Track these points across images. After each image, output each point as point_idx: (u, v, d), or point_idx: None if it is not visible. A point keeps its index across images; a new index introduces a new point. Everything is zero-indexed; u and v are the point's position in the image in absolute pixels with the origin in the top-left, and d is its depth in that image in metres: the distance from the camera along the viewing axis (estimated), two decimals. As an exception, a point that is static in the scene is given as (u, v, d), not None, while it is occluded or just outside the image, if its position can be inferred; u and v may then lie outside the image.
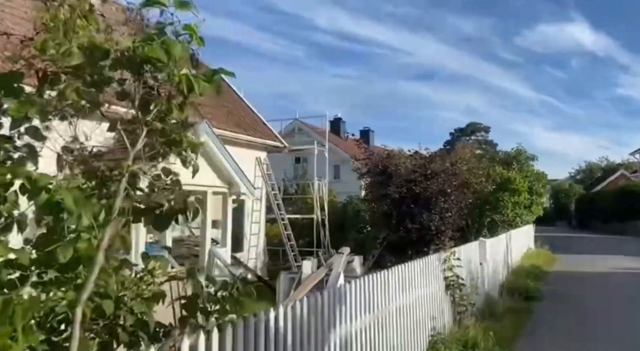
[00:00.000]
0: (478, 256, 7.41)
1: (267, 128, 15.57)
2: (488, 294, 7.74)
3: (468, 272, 6.74)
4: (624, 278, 11.34)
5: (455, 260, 5.40)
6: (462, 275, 5.97)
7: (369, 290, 4.10)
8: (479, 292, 7.02)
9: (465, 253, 6.63)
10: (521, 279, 9.57)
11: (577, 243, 23.90)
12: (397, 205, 11.97)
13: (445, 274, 5.42)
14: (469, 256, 6.86)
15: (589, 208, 40.57)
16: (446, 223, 11.83)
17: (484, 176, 13.86)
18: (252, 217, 14.37)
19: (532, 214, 15.14)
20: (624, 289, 9.93)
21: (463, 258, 6.43)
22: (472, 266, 6.98)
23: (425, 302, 5.18)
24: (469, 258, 6.87)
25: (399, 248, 11.87)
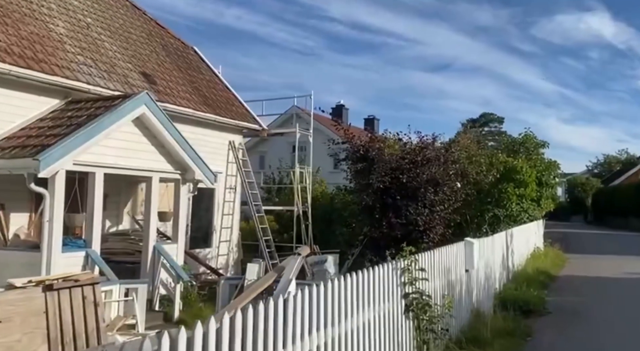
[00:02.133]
0: (462, 261, 5.88)
1: (244, 108, 14.06)
2: (477, 310, 6.22)
3: (446, 284, 5.23)
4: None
5: (419, 270, 3.88)
6: (429, 291, 4.46)
7: (275, 320, 2.63)
8: (460, 310, 5.50)
9: (441, 258, 5.11)
10: (522, 287, 8.03)
11: (593, 241, 22.13)
12: (380, 197, 10.47)
13: (406, 290, 3.91)
14: (447, 262, 5.34)
15: (606, 203, 38.59)
16: (437, 218, 10.30)
17: (485, 165, 12.24)
18: (223, 208, 12.93)
19: (540, 209, 13.49)
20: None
21: (437, 265, 4.92)
22: (452, 276, 5.48)
23: (373, 331, 3.68)
24: (448, 266, 5.35)
25: (382, 246, 10.37)
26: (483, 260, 7.07)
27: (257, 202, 13.42)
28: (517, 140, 14.41)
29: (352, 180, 10.70)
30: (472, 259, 5.96)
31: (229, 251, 13.20)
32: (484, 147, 13.54)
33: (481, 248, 6.84)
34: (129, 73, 10.70)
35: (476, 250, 6.09)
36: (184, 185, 9.57)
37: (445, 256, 5.32)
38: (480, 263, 6.85)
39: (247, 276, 6.41)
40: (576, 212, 50.41)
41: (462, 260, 5.94)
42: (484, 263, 7.11)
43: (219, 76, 14.63)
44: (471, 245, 5.99)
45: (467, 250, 6.00)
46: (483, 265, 7.06)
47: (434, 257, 4.96)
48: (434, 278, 4.87)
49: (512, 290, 7.77)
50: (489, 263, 7.49)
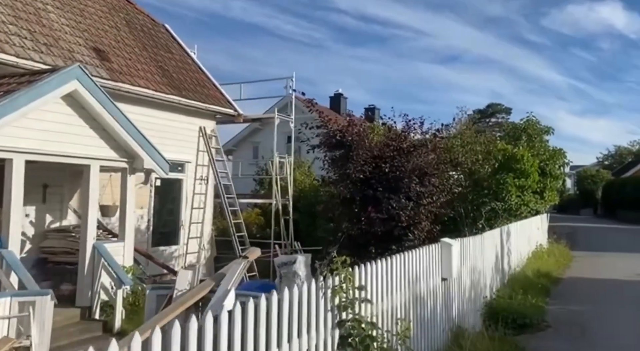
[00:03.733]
0: (438, 267, 4.74)
1: (218, 91, 12.91)
2: (458, 327, 5.07)
3: (412, 300, 4.09)
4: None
5: (355, 288, 2.74)
6: (382, 313, 3.32)
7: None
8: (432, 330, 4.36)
9: (404, 267, 3.98)
10: (518, 294, 6.87)
11: (602, 237, 20.85)
12: (360, 189, 9.32)
13: (342, 315, 2.77)
14: (414, 271, 4.20)
15: (617, 195, 37.12)
16: (423, 213, 9.14)
17: (481, 153, 11.03)
18: (192, 201, 11.84)
19: (544, 202, 12.28)
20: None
21: (397, 277, 3.79)
22: (422, 288, 4.34)
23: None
24: (415, 275, 4.21)
25: (361, 244, 9.26)
26: (468, 265, 5.93)
27: (231, 195, 12.33)
28: (519, 126, 13.15)
29: (329, 170, 9.54)
30: (450, 265, 4.82)
31: (200, 249, 12.14)
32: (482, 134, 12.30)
33: (465, 250, 5.70)
34: (77, 48, 9.57)
35: (455, 254, 4.94)
36: (132, 175, 8.44)
37: (411, 263, 4.19)
38: (464, 268, 5.70)
39: (178, 286, 5.30)
40: (586, 205, 48.95)
41: (438, 266, 4.80)
42: (469, 268, 5.96)
43: (191, 56, 13.48)
44: (448, 248, 4.84)
45: (443, 253, 4.86)
46: (468, 270, 5.91)
47: (392, 266, 3.82)
48: (390, 295, 3.74)
49: (505, 299, 6.62)
50: (477, 268, 6.34)
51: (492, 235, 7.48)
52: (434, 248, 4.71)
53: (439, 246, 4.86)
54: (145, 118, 10.41)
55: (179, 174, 11.79)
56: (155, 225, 11.18)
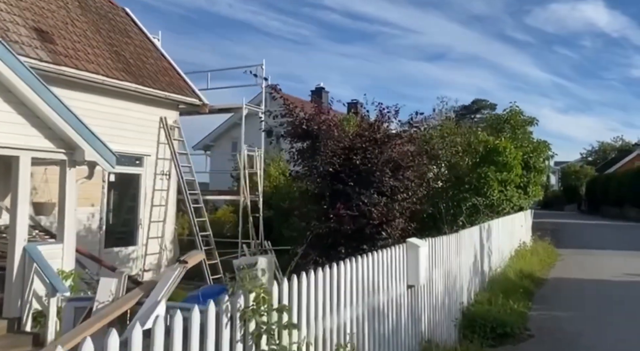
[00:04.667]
0: (402, 273, 4.03)
1: (182, 80, 12.05)
2: (428, 342, 4.36)
3: (367, 315, 3.35)
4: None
5: (273, 310, 1.95)
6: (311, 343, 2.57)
7: None
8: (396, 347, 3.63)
9: (358, 274, 3.24)
10: (499, 299, 6.21)
11: (587, 233, 20.47)
12: (329, 183, 8.59)
13: (262, 346, 1.98)
14: (371, 279, 3.47)
15: (601, 191, 37.11)
16: (397, 209, 8.45)
17: (461, 145, 10.37)
18: (152, 198, 10.99)
19: (528, 197, 11.69)
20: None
21: (345, 289, 3.05)
22: (381, 299, 3.62)
23: None
24: (373, 284, 3.48)
25: (331, 244, 8.53)
26: (442, 268, 5.23)
27: (194, 191, 11.48)
28: (502, 117, 12.53)
29: (295, 163, 8.80)
30: (417, 270, 4.11)
31: (161, 249, 11.31)
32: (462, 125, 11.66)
33: (438, 251, 5.00)
34: (14, 27, 8.65)
35: (424, 256, 4.24)
36: (72, 168, 7.55)
37: (366, 270, 3.46)
38: (437, 272, 5.01)
39: (98, 297, 4.50)
40: (570, 201, 49.11)
41: (402, 271, 4.09)
42: (443, 271, 5.27)
43: (153, 43, 12.58)
44: (415, 250, 4.13)
45: (409, 256, 4.15)
46: (442, 274, 5.22)
47: (340, 275, 3.09)
48: (336, 311, 3.00)
49: (484, 305, 5.96)
50: (452, 270, 5.66)
51: (470, 234, 6.81)
52: (397, 251, 4.00)
53: (404, 248, 4.15)
54: (94, 106, 9.54)
55: (137, 168, 10.93)
56: (110, 224, 10.31)
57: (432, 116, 12.38)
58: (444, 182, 10.88)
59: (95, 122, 9.65)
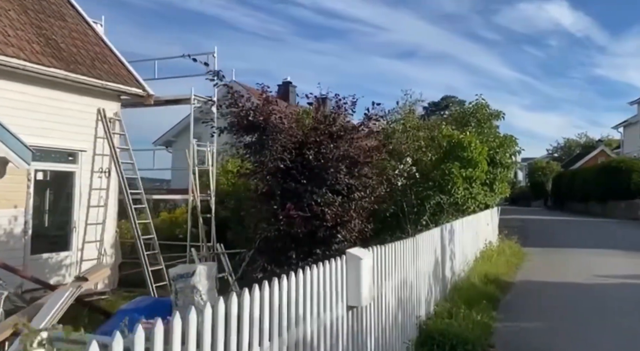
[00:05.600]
0: (341, 292, 3.29)
1: (124, 68, 11.01)
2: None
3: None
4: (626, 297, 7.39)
5: None
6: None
7: None
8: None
9: (265, 307, 2.47)
10: (461, 309, 5.58)
11: (554, 230, 20.40)
12: (279, 181, 7.80)
13: None
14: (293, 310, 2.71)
15: (566, 187, 37.59)
16: (353, 209, 7.73)
17: (424, 139, 9.76)
18: (89, 198, 9.97)
19: (494, 195, 11.22)
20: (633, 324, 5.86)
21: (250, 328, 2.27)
22: (306, 330, 2.86)
23: None
24: (297, 314, 2.72)
25: (280, 249, 7.75)
26: (394, 278, 4.53)
27: (137, 190, 10.50)
28: (468, 110, 12.00)
29: (242, 158, 7.98)
30: (358, 287, 3.39)
31: (100, 254, 10.30)
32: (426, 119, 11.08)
33: (389, 260, 4.30)
34: None
35: (367, 270, 3.52)
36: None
37: (290, 294, 2.70)
38: (388, 284, 4.30)
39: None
40: (537, 197, 49.84)
41: (340, 290, 3.35)
42: (396, 283, 4.58)
43: (93, 27, 11.48)
44: (356, 263, 3.41)
45: (349, 271, 3.42)
46: (394, 286, 4.53)
47: (245, 308, 2.30)
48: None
49: (443, 318, 5.31)
50: (408, 280, 4.98)
51: (430, 236, 6.17)
52: (333, 266, 3.27)
53: (343, 261, 3.42)
54: (13, 95, 8.50)
55: (70, 165, 9.90)
56: (37, 227, 9.26)
57: (396, 109, 11.74)
58: (407, 178, 10.25)
59: (18, 113, 8.59)
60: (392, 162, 10.61)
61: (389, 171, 10.14)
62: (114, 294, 10.19)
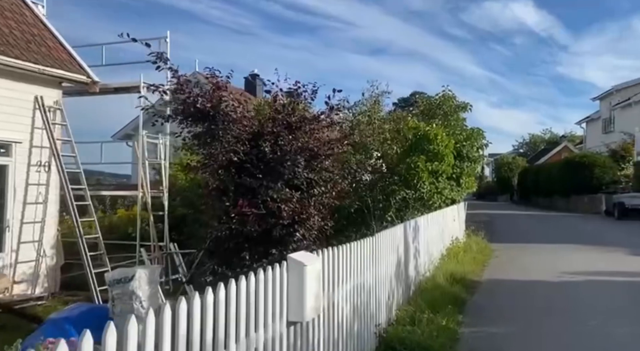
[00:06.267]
0: (279, 306, 2.74)
1: (66, 53, 10.13)
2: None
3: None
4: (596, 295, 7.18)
5: None
6: None
7: None
8: None
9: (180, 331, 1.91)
10: (425, 313, 5.15)
11: (519, 225, 20.50)
12: (232, 176, 7.20)
13: None
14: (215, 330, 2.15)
15: (531, 182, 38.24)
16: (313, 206, 7.23)
17: (390, 132, 9.32)
18: (25, 194, 9.10)
19: (460, 189, 10.93)
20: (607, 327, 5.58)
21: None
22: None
23: None
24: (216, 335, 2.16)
25: (233, 250, 7.17)
26: (350, 283, 4.04)
27: (80, 186, 9.67)
28: (434, 101, 11.64)
29: (191, 150, 7.34)
30: (301, 299, 2.87)
31: (39, 256, 9.46)
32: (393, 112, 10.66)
33: (343, 263, 3.80)
34: None
35: (313, 278, 3.01)
36: None
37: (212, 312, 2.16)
38: (343, 290, 3.80)
39: None
40: (503, 192, 50.69)
41: (280, 304, 2.82)
42: (351, 289, 4.08)
43: (30, 7, 10.51)
44: (299, 271, 2.88)
45: (291, 281, 2.89)
46: (349, 293, 4.03)
47: (165, 326, 1.75)
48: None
49: (405, 325, 4.85)
50: (366, 285, 4.51)
51: (392, 234, 5.72)
52: (270, 276, 2.73)
53: (283, 269, 2.89)
54: None
55: (3, 158, 8.99)
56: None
57: (362, 101, 11.27)
58: (372, 173, 9.80)
59: None
60: (357, 155, 10.15)
61: (352, 165, 9.67)
62: (53, 299, 9.39)
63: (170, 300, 2.67)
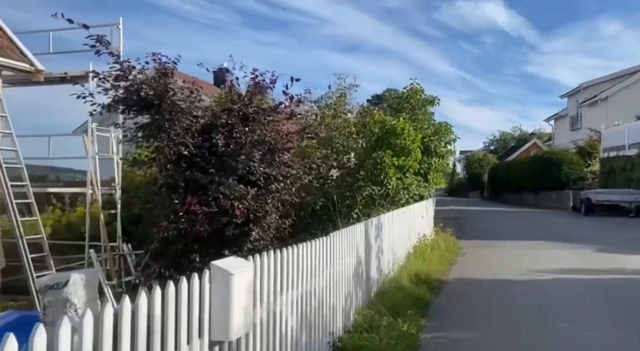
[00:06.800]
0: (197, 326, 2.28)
1: (6, 38, 9.33)
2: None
3: None
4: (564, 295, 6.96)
5: None
6: None
7: None
8: None
9: None
10: (385, 318, 4.76)
11: (489, 221, 20.52)
12: (182, 171, 6.68)
13: None
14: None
15: (502, 178, 38.72)
16: (271, 203, 6.78)
17: (355, 126, 8.94)
18: (-43, 191, 8.31)
19: (428, 185, 10.65)
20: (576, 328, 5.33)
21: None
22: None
23: None
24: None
25: (180, 252, 6.66)
26: (297, 290, 3.61)
27: (21, 183, 8.94)
28: (402, 95, 11.31)
29: (135, 143, 6.78)
30: (227, 314, 2.41)
31: (-27, 258, 8.66)
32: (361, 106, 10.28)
33: (287, 270, 3.35)
34: None
35: (242, 290, 2.56)
36: None
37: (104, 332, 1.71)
38: (288, 298, 3.36)
39: None
40: (474, 188, 51.31)
41: (199, 320, 2.36)
42: (298, 296, 3.65)
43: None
44: (226, 280, 2.42)
45: (213, 292, 2.42)
46: (294, 302, 3.59)
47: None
48: None
49: (363, 333, 4.46)
50: (317, 290, 4.08)
51: (351, 234, 5.31)
52: (184, 289, 2.27)
53: (205, 279, 2.43)
54: None
55: None
56: None
57: (329, 94, 10.85)
58: (338, 168, 9.40)
59: None
60: (323, 150, 9.74)
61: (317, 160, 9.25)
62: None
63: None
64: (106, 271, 9.59)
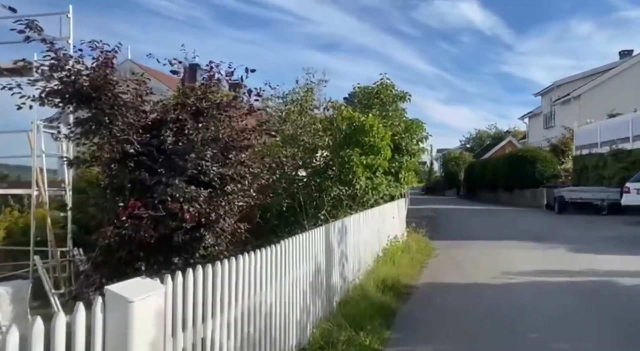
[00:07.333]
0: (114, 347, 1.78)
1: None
2: None
3: None
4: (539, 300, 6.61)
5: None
6: None
7: None
8: None
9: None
10: (346, 331, 4.30)
11: (464, 220, 20.35)
12: (127, 171, 6.13)
13: None
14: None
15: (477, 176, 38.84)
16: (225, 205, 6.30)
17: (322, 122, 8.48)
18: None
19: (399, 185, 10.27)
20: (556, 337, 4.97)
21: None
22: None
23: None
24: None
25: (122, 260, 6.11)
26: (235, 309, 3.13)
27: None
28: (372, 90, 10.89)
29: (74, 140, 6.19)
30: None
31: None
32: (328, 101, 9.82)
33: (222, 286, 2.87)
34: None
35: (146, 320, 2.06)
36: None
37: None
38: (219, 321, 2.88)
39: None
40: (451, 187, 51.58)
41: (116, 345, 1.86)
42: (238, 314, 3.17)
43: None
44: (123, 310, 1.88)
45: (108, 325, 1.92)
46: (234, 320, 3.11)
47: None
48: None
49: (318, 350, 4.00)
50: (265, 304, 3.60)
51: (308, 240, 4.85)
52: (58, 325, 1.76)
53: (97, 309, 1.93)
54: None
55: None
56: None
57: (296, 90, 10.35)
58: (304, 167, 8.93)
59: None
60: (288, 148, 9.25)
61: (282, 158, 8.76)
62: None
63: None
64: (54, 278, 8.90)
